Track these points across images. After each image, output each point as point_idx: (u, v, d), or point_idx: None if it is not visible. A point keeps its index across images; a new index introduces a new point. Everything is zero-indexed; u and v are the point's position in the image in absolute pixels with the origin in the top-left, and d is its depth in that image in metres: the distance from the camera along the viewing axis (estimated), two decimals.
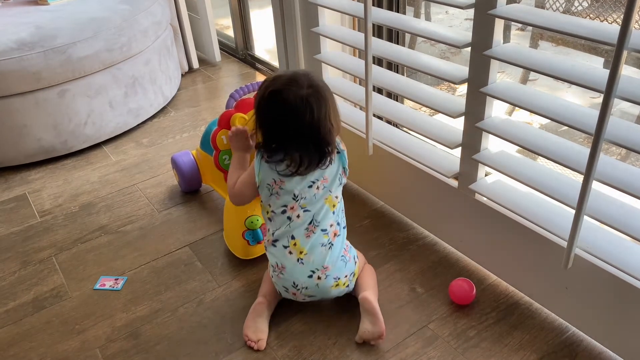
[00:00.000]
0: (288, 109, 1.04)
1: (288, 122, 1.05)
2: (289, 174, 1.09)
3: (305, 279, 1.10)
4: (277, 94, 1.05)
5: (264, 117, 1.08)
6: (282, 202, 1.10)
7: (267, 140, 1.09)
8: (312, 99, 1.04)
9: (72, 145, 1.87)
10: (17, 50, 1.66)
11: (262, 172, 1.11)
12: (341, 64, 1.42)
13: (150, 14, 2.01)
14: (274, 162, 1.10)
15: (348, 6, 1.34)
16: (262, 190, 1.12)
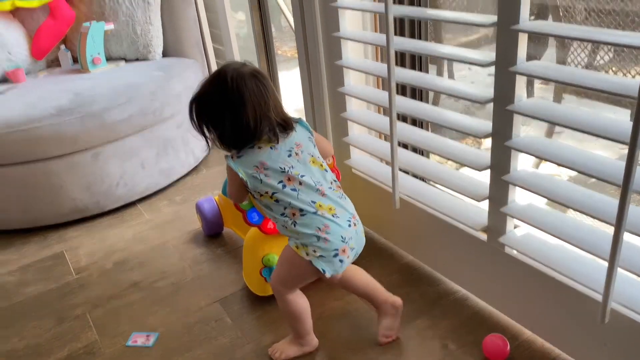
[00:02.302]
0: (234, 97, 1.07)
1: (241, 113, 1.08)
2: (272, 145, 1.12)
3: (347, 228, 1.11)
4: (220, 90, 1.08)
5: (215, 117, 1.10)
6: (276, 179, 1.12)
7: (230, 137, 1.11)
8: (248, 80, 1.08)
9: (105, 205, 1.93)
10: (56, 117, 1.75)
11: (241, 168, 1.12)
12: (366, 121, 1.46)
13: (183, 79, 2.11)
14: (245, 153, 1.13)
15: (372, 66, 1.39)
16: (252, 183, 1.12)
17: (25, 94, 1.89)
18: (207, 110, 1.11)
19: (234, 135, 1.10)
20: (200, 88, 1.13)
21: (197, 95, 1.13)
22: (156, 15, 2.20)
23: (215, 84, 1.10)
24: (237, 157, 1.13)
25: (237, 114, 1.08)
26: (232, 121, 1.08)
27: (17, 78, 2.04)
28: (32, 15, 2.19)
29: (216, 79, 1.10)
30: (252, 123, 1.08)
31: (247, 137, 1.11)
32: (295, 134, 1.17)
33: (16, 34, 2.12)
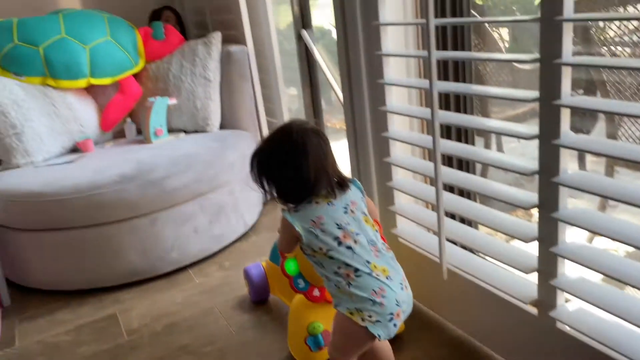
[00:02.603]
0: (298, 150, 1.11)
1: (302, 167, 1.11)
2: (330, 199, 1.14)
3: (400, 291, 1.11)
4: (283, 142, 1.13)
5: (276, 169, 1.13)
6: (332, 235, 1.12)
7: (289, 190, 1.14)
8: (311, 135, 1.13)
9: (158, 269, 2.00)
10: (119, 183, 1.87)
11: (297, 221, 1.13)
12: (413, 191, 1.48)
13: (237, 149, 2.22)
14: (302, 207, 1.14)
15: (418, 138, 1.44)
16: (307, 238, 1.12)
17: (93, 163, 2.04)
18: (269, 162, 1.15)
19: (293, 188, 1.13)
20: (264, 141, 1.18)
21: (260, 148, 1.17)
22: (215, 91, 2.36)
23: (279, 137, 1.15)
24: (294, 211, 1.15)
25: (299, 167, 1.11)
26: (293, 174, 1.11)
27: (86, 148, 2.21)
28: (104, 91, 2.39)
29: (280, 133, 1.16)
30: (312, 177, 1.11)
31: (305, 191, 1.13)
32: (350, 192, 1.19)
33: (88, 108, 2.32)
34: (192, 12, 2.93)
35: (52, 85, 2.20)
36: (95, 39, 2.27)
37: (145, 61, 2.42)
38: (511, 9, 2.45)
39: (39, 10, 2.68)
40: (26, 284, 2.03)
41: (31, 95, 2.13)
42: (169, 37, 2.43)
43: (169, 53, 2.42)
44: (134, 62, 2.38)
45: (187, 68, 2.34)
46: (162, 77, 2.37)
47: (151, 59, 2.42)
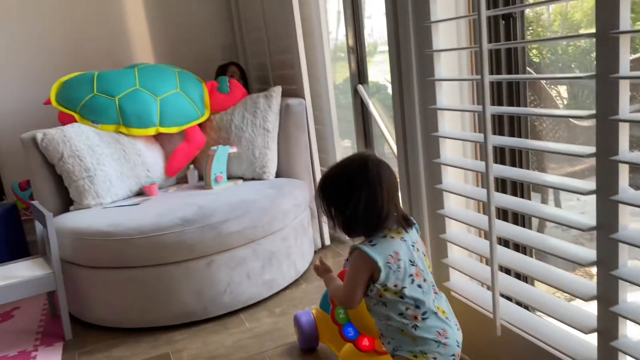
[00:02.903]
0: (374, 179, 1.11)
1: (377, 196, 1.11)
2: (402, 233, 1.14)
3: (457, 332, 1.11)
4: (360, 170, 1.13)
5: (349, 196, 1.11)
6: (406, 272, 1.11)
7: (359, 220, 1.12)
8: (384, 167, 1.15)
9: (211, 311, 2.05)
10: (180, 226, 1.96)
11: (378, 255, 1.10)
12: (466, 244, 1.48)
13: (293, 197, 2.28)
14: (378, 241, 1.12)
15: (472, 191, 1.45)
16: (386, 272, 1.10)
17: (156, 206, 2.15)
18: (342, 189, 1.13)
19: (365, 218, 1.11)
20: (336, 168, 1.18)
21: (333, 174, 1.17)
22: (273, 141, 2.46)
23: (355, 165, 1.15)
24: (370, 245, 1.12)
25: (373, 197, 1.10)
26: (366, 203, 1.10)
27: (151, 192, 2.33)
28: (170, 139, 2.54)
29: (355, 161, 1.16)
30: (385, 208, 1.11)
31: (377, 223, 1.13)
32: (411, 232, 1.19)
33: (155, 155, 2.47)
34: (256, 67, 3.10)
35: (125, 132, 2.37)
36: (166, 91, 2.44)
37: (210, 112, 2.57)
38: (569, 65, 2.45)
39: (117, 64, 2.93)
40: (87, 319, 2.12)
41: (105, 142, 2.30)
42: (233, 91, 2.58)
43: (232, 105, 2.56)
44: (200, 112, 2.53)
45: (249, 119, 2.46)
46: (225, 127, 2.50)
47: (216, 110, 2.57)
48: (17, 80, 2.89)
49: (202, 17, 3.21)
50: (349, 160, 1.18)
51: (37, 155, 2.21)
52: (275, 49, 2.75)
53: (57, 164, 2.19)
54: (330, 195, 1.16)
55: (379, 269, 1.10)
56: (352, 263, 1.14)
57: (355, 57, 2.54)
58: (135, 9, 3.07)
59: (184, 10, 3.16)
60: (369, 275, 1.12)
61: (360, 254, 1.12)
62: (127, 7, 3.05)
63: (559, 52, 2.11)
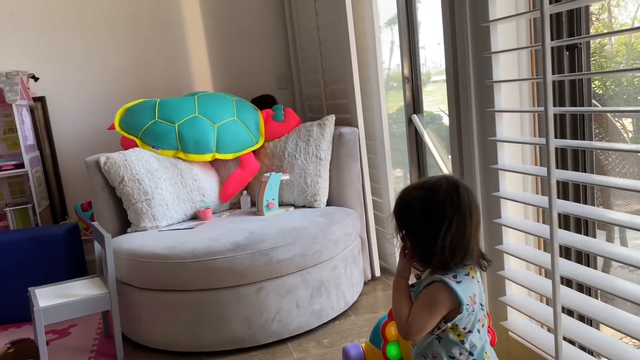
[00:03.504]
0: (466, 208, 1.02)
1: (466, 227, 1.01)
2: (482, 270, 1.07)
3: None
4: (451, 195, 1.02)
5: (437, 224, 1.01)
6: (476, 317, 1.04)
7: (443, 251, 1.01)
8: (473, 197, 1.06)
9: (259, 339, 2.04)
10: (232, 251, 1.98)
11: (462, 295, 1.01)
12: (526, 282, 1.41)
13: (343, 226, 2.27)
14: (462, 279, 1.03)
15: (533, 227, 1.39)
16: (464, 313, 1.02)
17: (210, 230, 2.19)
18: (426, 215, 1.03)
19: (450, 251, 1.01)
20: (420, 190, 1.06)
21: (416, 197, 1.05)
22: (325, 169, 2.47)
23: (443, 190, 1.03)
24: (455, 281, 1.03)
25: (462, 228, 1.01)
26: (454, 235, 1.00)
27: (205, 216, 2.38)
28: (225, 165, 2.60)
29: (443, 185, 1.04)
30: (472, 242, 1.03)
31: (461, 257, 1.03)
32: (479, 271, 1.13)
33: (211, 180, 2.52)
34: (309, 96, 3.14)
35: (182, 158, 2.44)
36: (224, 118, 2.50)
37: (265, 139, 2.61)
38: (635, 97, 2.35)
39: (178, 92, 3.04)
40: (138, 340, 2.15)
41: (163, 166, 2.37)
42: (287, 119, 2.62)
43: (286, 133, 2.59)
44: (255, 140, 2.57)
45: (302, 147, 2.48)
46: (278, 155, 2.53)
47: (270, 138, 2.61)
48: (84, 106, 3.04)
49: (260, 47, 3.30)
50: (436, 183, 1.05)
51: (100, 177, 2.30)
52: (329, 79, 2.78)
53: (118, 186, 2.27)
54: (410, 221, 1.05)
55: (461, 310, 1.02)
56: (432, 295, 1.03)
57: (410, 87, 2.53)
58: (196, 39, 3.19)
59: (242, 41, 3.26)
60: (447, 312, 1.04)
61: (445, 288, 1.02)
62: (188, 37, 3.18)
63: (624, 83, 2.02)
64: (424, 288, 1.06)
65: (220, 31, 3.22)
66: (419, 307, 1.05)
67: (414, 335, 1.05)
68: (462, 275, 1.05)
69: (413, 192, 1.07)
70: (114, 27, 3.04)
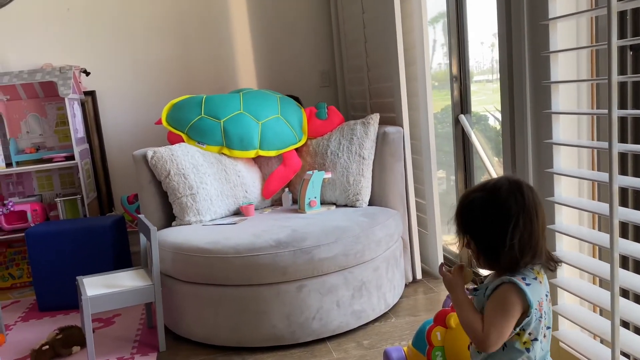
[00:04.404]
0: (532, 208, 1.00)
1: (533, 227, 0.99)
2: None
3: None
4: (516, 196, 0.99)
5: (504, 224, 0.98)
6: (544, 323, 1.01)
7: (512, 251, 0.98)
8: (538, 197, 1.03)
9: (299, 337, 2.03)
10: (274, 247, 1.98)
11: (532, 298, 0.98)
12: (580, 291, 1.35)
13: (385, 227, 2.23)
14: (531, 282, 1.00)
15: (589, 234, 1.33)
16: (530, 318, 0.99)
17: (252, 226, 2.20)
18: (495, 215, 1.00)
19: (520, 252, 0.99)
20: (483, 192, 1.04)
21: (479, 198, 1.03)
22: (368, 168, 2.44)
23: (506, 190, 1.01)
24: (525, 283, 0.99)
25: (529, 228, 0.99)
26: (522, 235, 0.98)
27: (248, 212, 2.39)
28: (268, 162, 2.61)
29: (505, 185, 1.02)
30: (540, 242, 1.00)
31: (531, 259, 1.00)
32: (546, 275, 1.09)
33: (254, 177, 2.53)
34: (353, 95, 3.12)
35: (227, 154, 2.46)
36: (268, 115, 2.51)
37: (308, 137, 2.61)
38: None
39: (223, 89, 3.08)
40: (180, 332, 2.18)
41: (208, 162, 2.40)
42: (330, 117, 2.60)
43: (329, 131, 2.58)
44: (298, 137, 2.57)
45: (345, 145, 2.46)
46: (321, 153, 2.52)
47: (313, 136, 2.60)
48: (132, 101, 3.11)
49: (304, 44, 3.30)
50: (497, 181, 1.04)
51: (147, 171, 2.34)
52: (374, 77, 2.75)
53: (164, 180, 2.30)
54: (473, 223, 1.03)
55: (529, 313, 0.99)
56: (503, 298, 1.00)
57: (458, 86, 2.48)
58: (241, 37, 3.22)
59: (287, 38, 3.27)
60: (520, 314, 1.00)
61: (516, 289, 0.99)
62: (234, 35, 3.21)
63: None
64: (491, 292, 1.03)
65: (265, 28, 3.23)
66: (492, 314, 1.01)
67: (494, 344, 1.00)
68: (531, 279, 1.02)
69: (474, 194, 1.05)
70: (162, 24, 3.10)
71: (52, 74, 2.74)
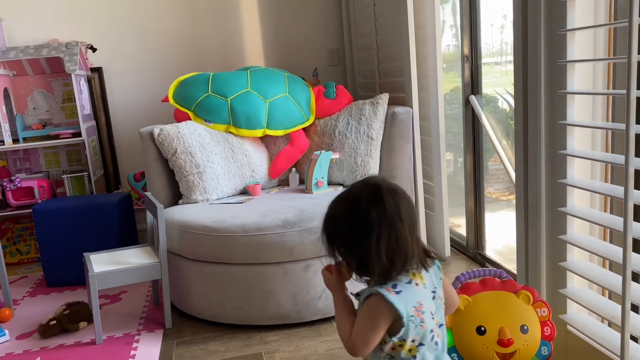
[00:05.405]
0: (392, 212, 0.96)
1: (398, 233, 0.96)
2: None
3: None
4: (374, 203, 0.96)
5: (363, 233, 0.96)
6: (428, 327, 0.98)
7: (378, 259, 0.95)
8: (402, 197, 1.00)
9: (305, 316, 2.03)
10: (281, 227, 1.97)
11: (401, 307, 0.95)
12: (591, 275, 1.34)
13: None
14: (403, 288, 0.97)
15: (599, 216, 1.31)
16: (408, 326, 0.96)
17: (259, 206, 2.19)
18: (357, 226, 0.98)
19: (387, 257, 0.96)
20: (344, 202, 1.02)
21: (341, 210, 1.02)
22: (376, 149, 2.41)
23: (365, 197, 0.98)
24: (395, 293, 0.97)
25: (394, 235, 0.96)
26: (388, 240, 0.96)
27: (255, 192, 2.38)
28: (275, 142, 2.58)
29: (365, 191, 1.00)
30: (410, 247, 0.97)
31: (401, 262, 0.97)
32: (432, 271, 1.04)
33: (260, 156, 2.51)
34: (362, 74, 3.08)
35: (234, 132, 2.44)
36: (275, 94, 2.48)
37: (315, 117, 2.58)
38: None
39: (230, 66, 3.04)
40: (186, 310, 2.19)
41: (215, 140, 2.38)
42: (339, 96, 2.57)
43: (337, 111, 2.55)
44: (306, 117, 2.55)
45: (353, 126, 2.43)
46: (329, 133, 2.50)
47: (321, 115, 2.58)
48: (138, 78, 3.09)
49: (313, 22, 3.25)
50: (358, 190, 1.01)
51: (153, 149, 2.33)
52: (384, 56, 2.71)
53: (171, 158, 2.29)
54: (339, 237, 1.01)
55: (402, 323, 0.96)
56: (371, 309, 0.99)
57: (469, 67, 2.44)
58: (249, 14, 3.17)
59: (295, 16, 3.22)
60: (388, 326, 0.98)
61: (382, 300, 0.97)
62: (242, 12, 3.16)
63: None
64: (364, 301, 1.03)
65: (273, 6, 3.19)
66: (360, 322, 1.01)
67: (359, 351, 1.01)
68: (404, 284, 0.99)
69: (336, 207, 1.03)
70: (169, 1, 3.05)
71: (58, 49, 2.71)
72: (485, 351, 1.29)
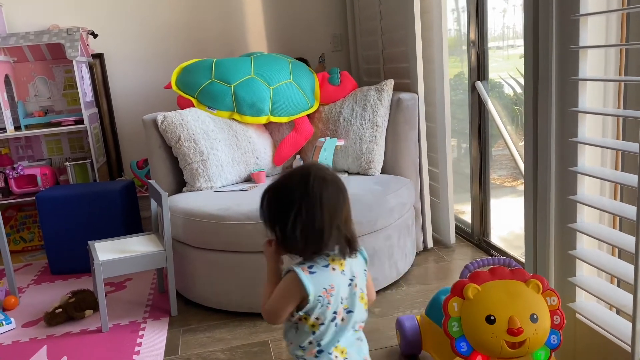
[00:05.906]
0: (313, 198, 1.04)
1: (315, 217, 1.04)
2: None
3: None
4: (298, 187, 1.05)
5: (286, 211, 1.04)
6: (333, 309, 1.06)
7: (297, 238, 1.04)
8: (330, 185, 1.07)
9: None
10: None
11: (312, 286, 1.05)
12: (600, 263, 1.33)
13: (398, 195, 2.21)
14: (319, 270, 1.06)
15: (609, 204, 1.29)
16: (314, 305, 1.06)
17: None
18: (280, 202, 1.07)
19: (303, 239, 1.05)
20: (280, 179, 1.11)
21: (275, 186, 1.11)
22: (381, 136, 2.39)
23: (296, 181, 1.08)
24: (309, 272, 1.07)
25: (311, 217, 1.04)
26: (304, 222, 1.04)
27: (259, 179, 2.36)
28: (279, 128, 2.56)
29: (298, 176, 1.09)
30: (325, 232, 1.05)
31: (316, 246, 1.06)
32: (356, 261, 1.14)
33: (265, 143, 2.50)
34: (366, 59, 3.04)
35: (238, 119, 2.42)
36: (279, 80, 2.46)
37: (320, 103, 2.55)
38: None
39: (233, 52, 3.01)
40: (192, 297, 2.19)
41: (219, 127, 2.36)
42: (343, 83, 2.54)
43: (342, 97, 2.53)
44: (310, 103, 2.52)
45: (358, 112, 2.41)
46: (333, 119, 2.48)
47: (325, 102, 2.55)
48: (141, 64, 3.06)
49: (316, 7, 3.21)
50: (292, 172, 1.12)
51: (157, 136, 2.31)
52: (389, 41, 2.68)
53: (174, 146, 2.27)
54: (269, 208, 1.10)
55: (308, 300, 1.06)
56: (285, 284, 1.09)
57: (475, 52, 2.40)
58: None
59: (298, 0, 3.17)
60: (298, 302, 1.07)
61: (294, 278, 1.06)
62: None
63: None
64: (283, 276, 1.11)
65: None
66: (275, 294, 1.11)
67: (270, 320, 1.13)
68: (320, 267, 1.08)
69: (272, 183, 1.11)
70: None
71: (59, 35, 2.68)
72: (494, 340, 1.28)
